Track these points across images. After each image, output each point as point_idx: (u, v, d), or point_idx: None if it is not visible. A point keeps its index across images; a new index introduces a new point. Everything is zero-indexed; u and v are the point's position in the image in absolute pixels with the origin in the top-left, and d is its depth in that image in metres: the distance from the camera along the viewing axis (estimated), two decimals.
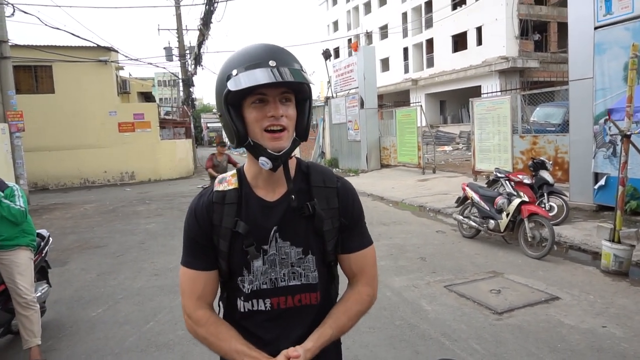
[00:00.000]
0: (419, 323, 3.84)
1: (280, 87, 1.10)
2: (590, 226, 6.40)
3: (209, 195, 1.22)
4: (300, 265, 1.21)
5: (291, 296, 1.21)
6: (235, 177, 1.23)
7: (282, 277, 1.20)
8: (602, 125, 6.86)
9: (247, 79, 1.05)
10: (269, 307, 1.21)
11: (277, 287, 1.20)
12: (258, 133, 1.12)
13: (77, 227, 8.87)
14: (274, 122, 1.10)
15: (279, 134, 1.11)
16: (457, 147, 23.01)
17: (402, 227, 7.57)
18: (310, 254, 1.21)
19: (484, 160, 10.79)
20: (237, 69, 1.08)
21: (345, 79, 17.12)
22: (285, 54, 1.12)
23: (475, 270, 5.17)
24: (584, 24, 7.13)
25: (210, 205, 1.20)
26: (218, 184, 1.23)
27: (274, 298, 1.20)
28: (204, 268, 1.22)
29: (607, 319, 3.75)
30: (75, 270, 5.90)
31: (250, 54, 1.10)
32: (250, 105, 1.11)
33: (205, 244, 1.21)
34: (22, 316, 3.33)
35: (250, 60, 1.08)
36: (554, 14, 26.71)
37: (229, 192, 1.20)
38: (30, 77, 16.58)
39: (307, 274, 1.22)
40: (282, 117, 1.10)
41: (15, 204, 3.35)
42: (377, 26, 36.58)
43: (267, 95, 1.10)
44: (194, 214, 1.22)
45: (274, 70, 1.05)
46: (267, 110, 1.10)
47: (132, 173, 17.76)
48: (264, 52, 1.10)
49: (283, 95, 1.11)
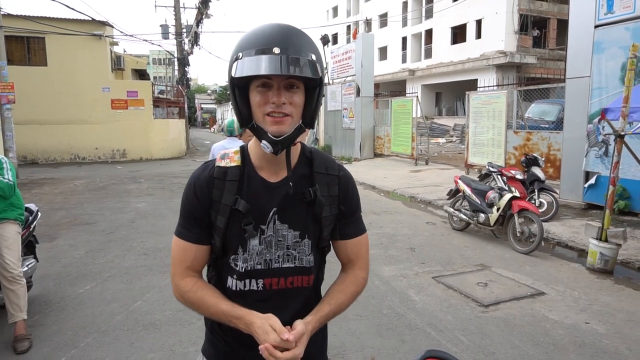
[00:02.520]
0: (406, 313, 3.88)
1: (284, 75, 1.07)
2: (578, 224, 6.48)
3: (210, 170, 1.21)
4: (295, 249, 1.22)
5: (284, 278, 1.22)
6: (239, 155, 1.22)
7: (277, 258, 1.20)
8: (595, 124, 6.90)
9: (250, 66, 1.04)
10: (261, 287, 1.21)
11: (271, 268, 1.20)
12: (260, 117, 1.12)
13: (66, 203, 8.79)
14: (275, 110, 1.09)
15: (281, 119, 1.10)
16: (451, 139, 23.07)
17: (392, 216, 7.61)
18: (307, 238, 1.22)
19: (477, 154, 10.83)
20: (243, 52, 1.06)
21: (342, 65, 17.01)
22: (299, 40, 1.08)
23: (464, 263, 5.22)
24: (585, 22, 7.13)
25: (210, 180, 1.19)
26: (220, 159, 1.21)
27: (267, 279, 1.21)
28: (197, 241, 1.21)
29: (590, 315, 3.82)
30: (64, 247, 5.86)
31: (259, 35, 1.08)
32: (255, 88, 1.11)
33: (202, 218, 1.20)
34: (8, 290, 3.30)
35: (259, 44, 1.05)
36: (554, 11, 26.65)
37: (231, 169, 1.19)
38: (23, 48, 16.24)
39: (302, 257, 1.22)
40: (285, 104, 1.09)
41: (4, 177, 3.30)
42: (377, 14, 36.24)
43: (272, 80, 1.08)
44: (193, 187, 1.21)
45: (277, 59, 1.03)
46: (270, 96, 1.09)
47: (124, 151, 17.59)
48: (272, 35, 1.07)
49: (289, 81, 1.09)
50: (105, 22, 17.15)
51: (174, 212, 7.78)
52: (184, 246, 1.21)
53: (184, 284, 1.20)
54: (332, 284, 1.33)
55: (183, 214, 1.23)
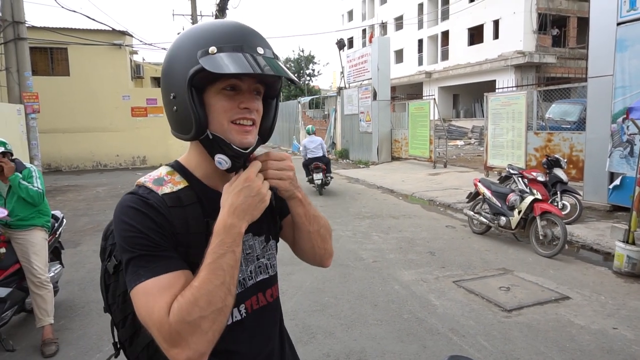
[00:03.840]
0: (427, 317, 3.84)
1: (255, 78, 0.95)
2: (603, 226, 6.33)
3: (154, 199, 0.94)
4: (264, 256, 1.10)
5: (262, 293, 1.08)
6: (178, 175, 1.01)
7: (249, 274, 1.05)
8: (620, 124, 6.74)
9: (234, 63, 0.87)
10: (244, 313, 1.03)
11: (247, 288, 1.04)
12: (224, 124, 0.94)
13: (89, 210, 8.98)
14: (246, 115, 0.94)
15: (249, 128, 0.95)
16: (469, 142, 22.81)
17: (411, 220, 7.55)
18: (271, 240, 1.13)
19: (497, 156, 10.68)
20: (216, 46, 0.89)
21: (358, 69, 17.00)
22: (266, 41, 0.96)
23: (485, 267, 5.14)
24: (606, 19, 6.98)
25: (167, 212, 0.93)
26: (158, 186, 0.96)
27: (247, 301, 1.04)
28: (182, 266, 0.91)
29: (618, 320, 3.72)
30: (88, 252, 5.99)
31: (232, 31, 0.93)
32: (219, 91, 0.93)
33: (171, 246, 0.92)
34: (36, 295, 3.39)
35: (232, 40, 0.91)
36: (574, 9, 26.16)
37: (182, 191, 0.97)
38: (46, 59, 16.70)
39: (273, 262, 1.12)
40: (254, 111, 0.96)
41: (33, 185, 3.40)
42: (392, 17, 36.15)
43: (243, 83, 0.94)
44: (150, 220, 0.91)
45: (269, 59, 0.91)
46: (239, 101, 0.94)
47: (144, 157, 17.89)
48: (247, 33, 0.93)
49: (256, 87, 0.97)
50: (125, 32, 17.51)
51: None
52: (166, 281, 0.86)
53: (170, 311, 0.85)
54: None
55: (145, 248, 0.89)
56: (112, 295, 1.07)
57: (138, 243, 0.89)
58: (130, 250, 0.89)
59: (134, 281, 0.87)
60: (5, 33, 11.07)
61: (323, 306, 4.11)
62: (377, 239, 6.38)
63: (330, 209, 8.45)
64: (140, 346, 1.01)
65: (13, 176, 3.31)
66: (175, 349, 0.83)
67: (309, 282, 4.67)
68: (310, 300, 4.23)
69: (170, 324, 0.82)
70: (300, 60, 39.49)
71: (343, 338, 3.50)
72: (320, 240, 1.15)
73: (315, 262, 1.21)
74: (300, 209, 1.07)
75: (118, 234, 0.92)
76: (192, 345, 0.82)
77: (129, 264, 0.89)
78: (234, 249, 0.88)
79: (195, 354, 0.83)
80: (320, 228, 1.14)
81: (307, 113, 22.93)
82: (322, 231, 1.15)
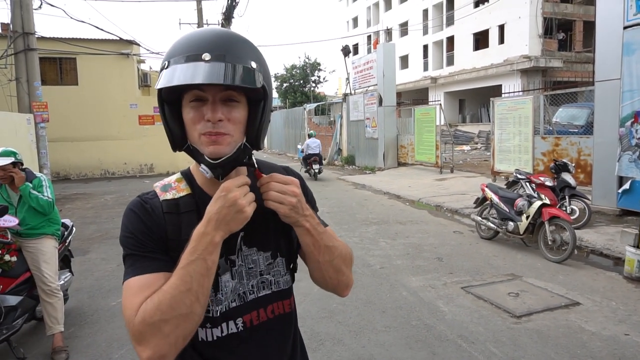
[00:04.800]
0: (435, 324, 3.82)
1: (220, 86, 0.90)
2: (612, 231, 6.27)
3: (153, 203, 0.99)
4: (269, 272, 1.07)
5: (263, 309, 1.06)
6: (184, 182, 1.04)
7: (251, 289, 1.04)
8: (628, 127, 6.70)
9: (174, 75, 0.86)
10: (241, 327, 1.03)
11: (247, 302, 1.04)
12: (196, 136, 0.94)
13: (98, 217, 9.04)
14: (210, 129, 0.91)
15: (218, 137, 0.92)
16: (476, 146, 22.72)
17: (418, 226, 7.53)
18: (279, 257, 1.09)
19: (504, 161, 10.64)
20: (172, 60, 0.89)
21: (364, 75, 17.05)
22: (237, 45, 0.92)
23: (493, 272, 5.11)
24: (613, 23, 6.96)
25: (160, 216, 0.98)
26: (163, 192, 1.02)
27: (246, 315, 1.03)
28: (165, 269, 0.93)
29: (630, 326, 3.67)
30: (96, 260, 6.03)
31: (192, 40, 0.91)
32: (187, 103, 0.94)
33: (161, 249, 0.96)
34: (46, 303, 3.42)
35: (188, 50, 0.89)
36: (579, 13, 26.10)
37: (183, 199, 1.01)
38: (55, 68, 16.92)
39: (278, 279, 1.08)
40: (222, 121, 0.92)
41: (43, 194, 3.44)
42: (397, 23, 36.28)
43: (206, 93, 0.91)
44: (142, 223, 0.96)
45: (205, 66, 0.86)
46: (204, 112, 0.92)
47: (151, 165, 18.02)
48: (203, 40, 0.90)
49: (226, 94, 0.92)
50: (133, 41, 17.71)
51: None
52: (145, 281, 0.91)
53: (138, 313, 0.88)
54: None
55: (134, 247, 0.95)
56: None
57: (129, 243, 0.96)
58: (124, 248, 0.97)
59: (124, 277, 0.95)
60: (16, 44, 11.25)
61: (331, 313, 4.10)
62: (384, 245, 6.37)
63: (337, 216, 8.45)
64: None
65: (24, 186, 3.35)
66: (139, 346, 0.87)
67: (317, 289, 4.64)
68: (318, 307, 4.23)
69: (134, 323, 0.87)
70: (306, 67, 39.64)
71: (351, 345, 3.50)
72: (332, 271, 1.08)
73: (328, 290, 1.16)
74: (307, 239, 1.02)
75: (120, 232, 0.99)
76: (152, 347, 0.86)
77: (124, 261, 0.97)
78: (205, 256, 0.88)
79: (156, 354, 0.87)
80: (334, 259, 1.07)
81: (312, 119, 22.99)
82: (336, 262, 1.07)
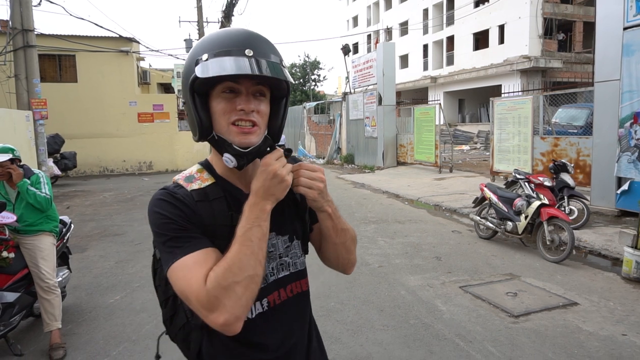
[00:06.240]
0: (433, 323, 3.82)
1: (254, 80, 1.00)
2: (611, 231, 6.28)
3: (183, 193, 1.04)
4: (287, 255, 1.16)
5: (283, 288, 1.14)
6: (206, 172, 1.10)
7: (271, 271, 1.12)
8: (627, 128, 6.71)
9: (218, 66, 0.95)
10: (266, 306, 1.11)
11: (269, 284, 1.11)
12: (224, 126, 1.02)
13: (96, 215, 9.03)
14: (243, 117, 1.00)
15: (249, 129, 1.01)
16: (475, 146, 22.75)
17: (417, 225, 7.53)
18: (295, 240, 1.18)
19: (503, 161, 10.64)
20: (208, 53, 0.97)
21: (363, 74, 17.04)
22: (265, 44, 1.02)
23: (492, 272, 5.11)
24: (613, 24, 6.96)
25: (193, 205, 1.02)
26: (188, 183, 1.06)
27: (270, 295, 1.11)
28: (212, 246, 1.00)
29: (627, 326, 3.68)
30: (95, 257, 6.02)
31: (226, 38, 1.00)
32: (219, 94, 1.01)
33: (199, 232, 1.01)
34: (44, 300, 3.41)
35: (225, 46, 0.98)
36: (579, 13, 26.12)
37: (209, 187, 1.07)
38: (55, 65, 16.89)
39: (295, 261, 1.18)
40: (253, 112, 1.01)
41: (41, 191, 3.43)
42: (397, 22, 36.26)
43: (240, 86, 1.00)
44: (178, 209, 1.00)
45: (251, 60, 0.96)
46: (237, 103, 1.01)
47: (150, 163, 18.00)
48: (242, 38, 0.99)
49: (257, 88, 1.02)
50: (132, 39, 17.68)
51: None
52: (199, 257, 0.96)
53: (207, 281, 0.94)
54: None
55: (176, 230, 0.99)
56: (158, 279, 1.18)
57: (170, 228, 0.99)
58: (163, 235, 0.99)
59: (170, 260, 0.97)
60: (15, 41, 11.22)
61: (329, 311, 4.10)
62: (383, 244, 6.37)
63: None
64: (177, 326, 1.13)
65: (21, 182, 3.35)
66: (213, 313, 0.92)
67: (315, 287, 4.67)
68: (316, 305, 4.22)
69: (207, 290, 0.91)
70: (306, 66, 39.65)
71: (349, 343, 3.49)
72: (345, 251, 1.20)
73: (337, 269, 1.27)
74: (328, 222, 1.13)
75: (152, 223, 1.02)
76: (228, 309, 0.91)
77: (164, 246, 0.99)
78: (259, 223, 0.97)
79: (232, 317, 0.92)
80: (347, 240, 1.19)
81: (312, 118, 22.98)
82: (348, 243, 1.19)
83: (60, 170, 13.93)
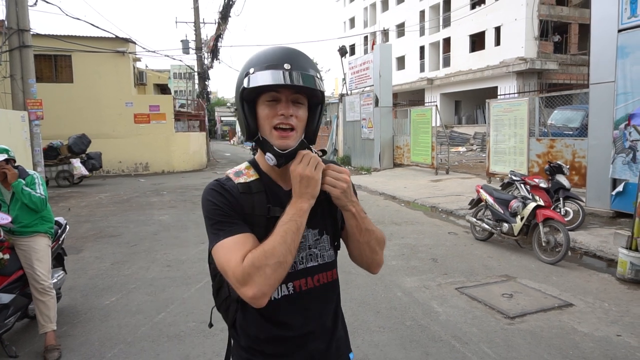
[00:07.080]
0: (429, 324, 3.82)
1: (292, 89, 1.17)
2: (606, 232, 6.31)
3: (230, 185, 1.22)
4: (316, 247, 1.29)
5: (310, 277, 1.27)
6: (252, 169, 1.28)
7: (300, 260, 1.26)
8: (622, 130, 6.74)
9: (261, 78, 1.14)
10: (292, 290, 1.25)
11: (297, 270, 1.25)
12: (267, 130, 1.19)
13: (92, 216, 9.00)
14: (283, 121, 1.17)
15: (287, 133, 1.18)
16: (471, 148, 22.81)
17: (414, 227, 7.54)
18: (325, 234, 1.31)
19: (499, 163, 10.68)
20: (254, 68, 1.16)
21: (360, 76, 17.06)
22: (303, 59, 1.19)
23: (488, 274, 5.13)
24: (608, 26, 7.00)
25: (238, 195, 1.21)
26: (236, 177, 1.25)
27: (296, 281, 1.25)
28: (250, 232, 1.17)
29: (622, 327, 3.70)
30: (90, 259, 5.99)
31: (270, 54, 1.18)
32: (264, 102, 1.19)
33: (241, 219, 1.19)
34: (38, 301, 3.40)
35: (268, 61, 1.16)
36: (575, 15, 26.25)
37: (253, 182, 1.24)
38: (51, 66, 16.83)
39: (323, 253, 1.30)
40: (292, 117, 1.17)
41: (36, 191, 3.41)
42: (394, 24, 36.33)
43: (280, 94, 1.17)
44: (222, 194, 1.20)
45: (287, 73, 1.13)
46: (278, 109, 1.18)
47: (146, 164, 17.95)
48: (282, 54, 1.17)
49: (295, 96, 1.19)
50: (128, 39, 17.65)
51: (196, 224, 7.88)
52: (238, 240, 1.14)
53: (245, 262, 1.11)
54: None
55: (221, 216, 1.18)
56: (210, 257, 1.32)
57: (217, 213, 1.18)
58: (212, 219, 1.19)
59: (215, 240, 1.17)
60: (10, 41, 11.18)
61: None
62: None
63: None
64: (221, 298, 1.34)
65: (16, 183, 3.33)
66: (244, 287, 1.09)
67: None
68: None
69: (243, 267, 1.09)
70: None
71: None
72: (369, 251, 1.31)
73: (363, 267, 1.38)
74: (352, 221, 1.25)
75: (203, 208, 1.21)
76: (257, 285, 1.08)
77: (212, 228, 1.18)
78: (295, 219, 1.13)
79: (259, 292, 1.08)
80: (371, 240, 1.30)
81: None
82: (372, 243, 1.30)
83: (88, 170, 14.09)
